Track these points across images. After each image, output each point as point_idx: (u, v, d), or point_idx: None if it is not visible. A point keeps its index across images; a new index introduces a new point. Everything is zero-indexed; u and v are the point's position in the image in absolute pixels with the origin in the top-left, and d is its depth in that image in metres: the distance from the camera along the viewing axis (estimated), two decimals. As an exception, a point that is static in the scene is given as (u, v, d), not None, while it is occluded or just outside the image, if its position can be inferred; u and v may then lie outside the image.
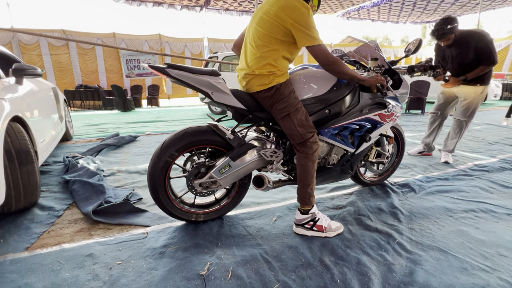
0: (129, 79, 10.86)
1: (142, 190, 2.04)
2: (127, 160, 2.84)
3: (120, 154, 3.09)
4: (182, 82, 1.24)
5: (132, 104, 8.75)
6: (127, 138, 3.63)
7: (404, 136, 2.03)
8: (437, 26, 2.27)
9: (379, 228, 1.47)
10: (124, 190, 1.96)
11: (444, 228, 1.47)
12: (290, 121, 1.32)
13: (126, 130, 4.62)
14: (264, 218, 1.60)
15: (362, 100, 1.55)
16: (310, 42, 1.24)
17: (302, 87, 1.45)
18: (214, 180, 1.40)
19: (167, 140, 1.36)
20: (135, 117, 6.53)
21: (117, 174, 2.38)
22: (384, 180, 2.07)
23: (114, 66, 10.54)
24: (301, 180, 1.39)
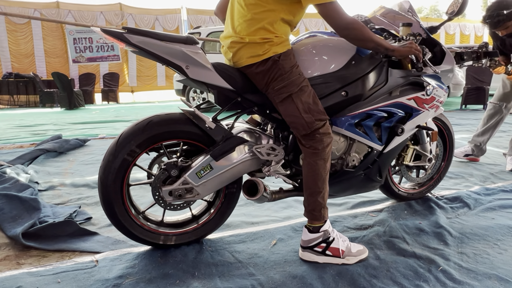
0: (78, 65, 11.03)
1: (92, 207, 2.08)
2: (73, 170, 2.89)
3: (62, 162, 3.14)
4: (146, 53, 1.30)
5: (81, 100, 8.88)
6: (72, 143, 3.69)
7: (453, 131, 2.09)
8: (489, 11, 2.36)
9: (418, 252, 1.50)
10: (66, 208, 2.00)
11: (507, 253, 1.51)
12: (293, 104, 1.38)
13: (72, 132, 4.68)
14: (259, 241, 1.64)
15: (391, 78, 1.62)
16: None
17: (309, 62, 1.51)
18: (190, 187, 1.44)
19: (125, 131, 1.41)
20: (84, 117, 6.62)
21: (58, 188, 2.42)
22: (427, 192, 2.11)
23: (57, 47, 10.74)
24: (309, 186, 1.43)
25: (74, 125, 5.47)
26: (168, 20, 11.45)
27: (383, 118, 1.62)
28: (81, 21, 10.57)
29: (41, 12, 10.34)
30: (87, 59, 11.08)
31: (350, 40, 1.42)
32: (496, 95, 2.81)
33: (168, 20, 11.45)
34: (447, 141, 2.07)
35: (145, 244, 1.53)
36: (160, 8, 11.56)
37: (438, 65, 1.74)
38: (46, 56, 10.66)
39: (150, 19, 11.31)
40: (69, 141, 3.70)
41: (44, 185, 2.43)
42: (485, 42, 1.90)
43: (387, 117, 1.63)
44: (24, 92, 9.55)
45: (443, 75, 1.77)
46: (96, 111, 7.79)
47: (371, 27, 1.86)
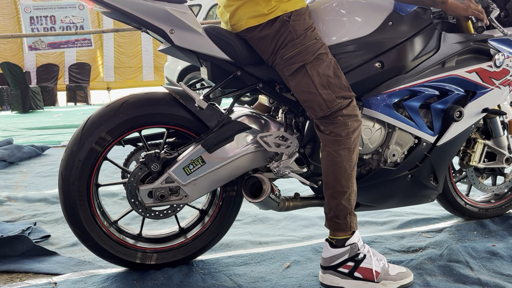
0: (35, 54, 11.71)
1: (50, 225, 2.30)
2: (26, 183, 3.15)
3: (13, 174, 3.42)
4: (120, 13, 1.50)
5: (39, 99, 9.41)
6: (27, 150, 4.00)
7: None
8: None
9: (483, 279, 1.60)
10: (17, 224, 2.23)
11: None
12: (307, 77, 1.54)
13: (27, 139, 5.03)
14: (268, 264, 1.78)
15: (445, 45, 1.76)
16: None
17: (332, 24, 1.68)
18: (175, 187, 1.61)
19: (93, 114, 1.62)
20: (43, 121, 7.06)
21: (7, 203, 2.68)
22: (509, 208, 2.20)
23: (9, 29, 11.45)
24: (330, 185, 1.57)
25: (29, 130, 5.85)
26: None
27: (434, 98, 1.76)
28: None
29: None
30: (48, 44, 11.73)
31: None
32: None
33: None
34: (535, 135, 2.17)
35: (116, 263, 1.70)
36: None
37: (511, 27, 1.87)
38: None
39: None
40: (22, 148, 4.00)
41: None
42: None
43: (439, 97, 1.76)
44: (-37, 90, 10.19)
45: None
46: (60, 114, 8.24)
47: None
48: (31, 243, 1.92)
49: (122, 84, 12.48)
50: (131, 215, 2.19)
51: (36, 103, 9.33)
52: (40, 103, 9.44)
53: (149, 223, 2.20)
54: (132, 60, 12.43)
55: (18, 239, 1.93)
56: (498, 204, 2.18)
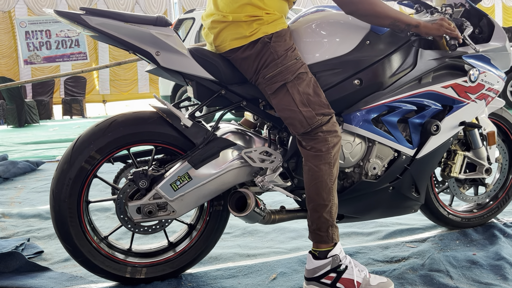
0: (31, 68, 11.79)
1: (43, 241, 2.35)
2: (20, 199, 3.21)
3: (7, 190, 3.47)
4: (107, 37, 1.58)
5: (35, 113, 9.47)
6: (21, 166, 4.05)
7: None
8: None
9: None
10: (11, 241, 2.28)
11: None
12: (288, 96, 1.61)
13: (22, 154, 5.08)
14: (255, 276, 1.84)
15: (421, 61, 1.83)
16: None
17: (312, 44, 1.75)
18: (163, 203, 1.68)
19: (83, 134, 1.68)
20: (39, 135, 7.12)
21: (2, 219, 2.73)
22: (490, 217, 2.26)
23: (4, 44, 11.55)
24: (312, 199, 1.64)
25: (24, 145, 5.90)
26: (152, 3, 12.14)
27: (411, 113, 1.83)
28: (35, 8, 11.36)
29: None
30: (43, 58, 11.81)
31: (359, 17, 1.67)
32: None
33: (152, 3, 12.14)
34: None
35: (107, 277, 1.76)
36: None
37: (485, 43, 1.94)
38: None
39: (128, 3, 12.03)
40: (17, 163, 4.05)
41: (-16, 217, 2.74)
42: None
43: (417, 111, 1.83)
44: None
45: (494, 56, 1.97)
46: (55, 128, 8.29)
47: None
48: (24, 259, 1.97)
49: (118, 96, 12.56)
50: (122, 230, 2.26)
51: (31, 117, 9.39)
52: (36, 117, 9.49)
53: (139, 238, 2.26)
54: (127, 73, 12.51)
55: (12, 255, 1.97)
56: (480, 213, 2.24)
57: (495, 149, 2.13)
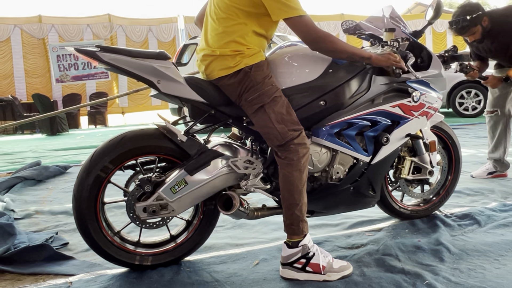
0: (61, 86, 11.76)
1: (69, 234, 2.37)
2: (51, 198, 3.21)
3: (40, 191, 3.48)
4: (118, 69, 1.61)
5: (65, 124, 9.44)
6: (52, 170, 4.05)
7: (458, 142, 2.31)
8: (454, 16, 2.67)
9: (407, 268, 1.70)
10: (42, 234, 2.30)
11: (505, 267, 1.69)
12: (265, 115, 1.65)
13: (53, 160, 5.08)
14: (241, 262, 1.87)
15: (374, 86, 1.88)
16: (287, 13, 1.61)
17: (285, 72, 1.80)
18: (164, 203, 1.71)
19: (99, 148, 1.71)
20: (67, 142, 7.10)
21: (35, 216, 2.73)
22: (434, 209, 2.31)
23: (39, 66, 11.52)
24: (286, 199, 1.68)
25: (55, 151, 5.90)
26: (163, 30, 12.14)
27: (366, 127, 1.87)
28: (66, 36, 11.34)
29: (21, 28, 11.18)
30: (72, 77, 11.78)
31: (323, 52, 1.72)
32: (488, 104, 3.06)
33: (163, 30, 12.14)
34: (452, 151, 2.29)
35: (120, 264, 1.78)
36: (154, 18, 12.29)
37: (425, 70, 1.99)
38: (27, 77, 11.41)
39: (143, 30, 12.02)
40: (49, 168, 4.06)
41: (21, 213, 2.74)
42: (454, 46, 2.16)
43: (371, 126, 1.88)
44: (2, 117, 10.20)
45: (433, 80, 2.02)
46: (81, 136, 8.29)
47: (361, 34, 2.15)
48: (53, 250, 2.00)
49: (135, 108, 12.55)
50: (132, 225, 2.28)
51: (62, 127, 9.36)
52: (66, 127, 9.47)
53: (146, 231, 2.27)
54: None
55: (43, 247, 2.00)
56: (426, 207, 2.29)
57: (437, 154, 2.18)
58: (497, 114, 3.01)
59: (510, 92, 2.95)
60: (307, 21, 1.63)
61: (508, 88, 2.93)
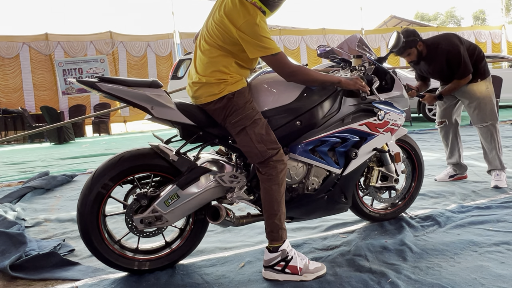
0: (67, 98, 11.70)
1: (75, 241, 2.40)
2: (59, 206, 3.23)
3: (49, 199, 3.50)
4: (116, 98, 1.66)
5: (71, 133, 9.40)
6: (60, 179, 4.06)
7: (420, 153, 2.39)
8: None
9: (374, 268, 1.77)
10: (51, 241, 2.33)
11: (459, 265, 1.77)
12: (247, 136, 1.72)
13: (60, 168, 5.08)
14: (229, 264, 1.93)
15: (344, 106, 1.96)
16: (262, 52, 1.68)
17: (264, 96, 1.86)
18: (159, 215, 1.76)
19: (100, 167, 1.76)
20: (74, 151, 7.07)
21: (44, 224, 2.76)
22: (400, 212, 2.39)
23: (46, 80, 11.45)
24: (267, 209, 1.74)
25: (62, 160, 5.89)
26: (161, 45, 12.15)
27: (337, 143, 1.94)
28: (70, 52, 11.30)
29: (29, 45, 11.12)
30: (77, 90, 11.73)
31: (298, 83, 1.80)
32: (437, 115, 3.20)
33: (161, 45, 12.15)
34: (415, 161, 2.37)
35: (121, 270, 1.83)
36: (151, 34, 12.29)
37: (389, 92, 2.07)
38: (35, 90, 11.34)
39: (142, 45, 12.01)
40: (56, 177, 4.07)
41: (31, 222, 2.77)
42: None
43: (342, 142, 1.95)
44: (12, 128, 10.13)
45: (396, 100, 2.10)
46: (87, 144, 8.27)
47: (333, 58, 2.22)
48: (60, 257, 2.03)
49: (136, 117, 12.51)
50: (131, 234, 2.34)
51: (69, 136, 9.32)
52: (72, 135, 9.43)
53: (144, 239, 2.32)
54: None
55: (51, 254, 2.03)
56: (393, 210, 2.37)
57: (401, 164, 2.26)
58: (445, 124, 3.14)
59: (455, 105, 3.09)
60: (281, 58, 1.70)
61: (452, 101, 3.08)
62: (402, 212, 2.40)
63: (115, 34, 11.87)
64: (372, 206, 2.36)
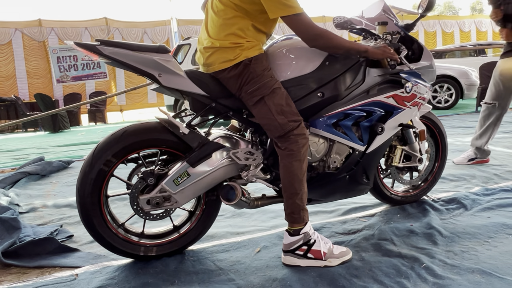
0: (62, 86, 11.42)
1: (74, 226, 2.23)
2: (55, 192, 3.06)
3: (44, 185, 3.31)
4: (119, 63, 1.48)
5: (67, 121, 9.17)
6: (55, 165, 3.87)
7: (444, 130, 2.23)
8: None
9: (404, 252, 1.62)
10: (47, 227, 2.16)
11: (496, 249, 1.62)
12: (265, 107, 1.54)
13: (56, 155, 4.89)
14: (243, 250, 1.77)
15: (369, 77, 1.78)
16: (284, 11, 1.50)
17: (283, 65, 1.69)
18: (168, 195, 1.59)
19: (101, 142, 1.58)
20: (70, 139, 6.87)
21: (40, 209, 2.58)
22: (422, 195, 2.24)
23: (40, 67, 11.16)
24: (287, 188, 1.58)
25: (58, 147, 5.69)
26: (157, 32, 11.87)
27: (362, 118, 1.78)
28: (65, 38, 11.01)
29: (22, 31, 10.81)
30: (72, 78, 11.46)
31: (321, 49, 1.62)
32: (489, 95, 2.98)
33: (157, 32, 11.87)
34: (439, 140, 2.21)
35: (125, 256, 1.67)
36: (148, 21, 12.01)
37: (416, 62, 1.90)
38: (29, 77, 11.06)
39: (138, 32, 11.74)
40: (52, 163, 3.88)
41: (26, 207, 2.59)
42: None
43: (366, 116, 1.78)
44: (6, 116, 9.88)
45: (423, 72, 1.93)
46: (83, 133, 8.06)
47: (352, 28, 2.04)
48: (57, 243, 1.87)
49: (132, 106, 12.29)
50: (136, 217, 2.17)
51: (64, 124, 9.08)
52: (67, 124, 9.19)
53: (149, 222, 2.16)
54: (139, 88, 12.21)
55: (48, 240, 1.87)
56: (415, 193, 2.22)
57: (425, 143, 2.10)
58: (494, 106, 2.93)
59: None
60: (304, 19, 1.52)
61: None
62: (424, 195, 2.25)
63: (111, 20, 11.57)
64: (393, 188, 2.20)
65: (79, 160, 4.38)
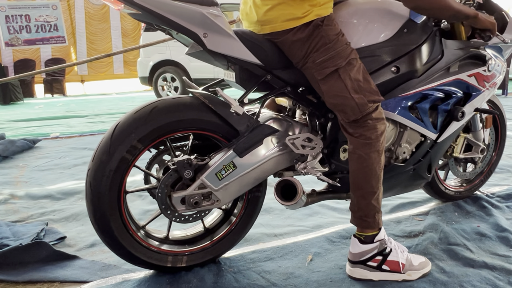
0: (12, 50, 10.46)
1: (61, 224, 1.91)
2: (26, 178, 2.67)
3: (9, 169, 2.91)
4: (152, 16, 1.15)
5: (19, 92, 8.45)
6: (20, 144, 3.46)
7: (506, 116, 2.05)
8: None
9: (488, 262, 1.45)
10: (30, 226, 1.82)
11: None
12: (340, 82, 1.28)
13: (15, 132, 4.40)
14: (291, 257, 1.53)
15: (448, 51, 1.55)
16: None
17: (352, 29, 1.41)
18: (208, 192, 1.31)
19: (121, 122, 1.26)
20: (26, 112, 6.29)
21: (11, 201, 2.22)
22: (476, 189, 2.09)
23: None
24: (360, 186, 1.34)
25: (15, 123, 5.15)
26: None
27: (439, 100, 1.55)
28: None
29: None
30: (24, 41, 10.53)
31: (421, 10, 1.35)
32: None
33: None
34: (499, 127, 2.04)
35: (149, 268, 1.39)
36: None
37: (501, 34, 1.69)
38: (-29, 39, 10.03)
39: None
40: (15, 142, 3.45)
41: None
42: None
43: (443, 99, 1.56)
44: None
45: (505, 47, 1.73)
46: (40, 106, 7.44)
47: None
48: (51, 248, 1.55)
49: (95, 77, 11.51)
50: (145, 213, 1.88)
51: (16, 96, 8.37)
52: (20, 95, 8.47)
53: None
54: (102, 56, 11.45)
55: (37, 244, 1.54)
56: (468, 187, 2.06)
57: (488, 131, 1.92)
58: None
59: None
60: None
61: None
62: (478, 189, 2.09)
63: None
64: (445, 181, 2.02)
65: (46, 139, 3.93)
